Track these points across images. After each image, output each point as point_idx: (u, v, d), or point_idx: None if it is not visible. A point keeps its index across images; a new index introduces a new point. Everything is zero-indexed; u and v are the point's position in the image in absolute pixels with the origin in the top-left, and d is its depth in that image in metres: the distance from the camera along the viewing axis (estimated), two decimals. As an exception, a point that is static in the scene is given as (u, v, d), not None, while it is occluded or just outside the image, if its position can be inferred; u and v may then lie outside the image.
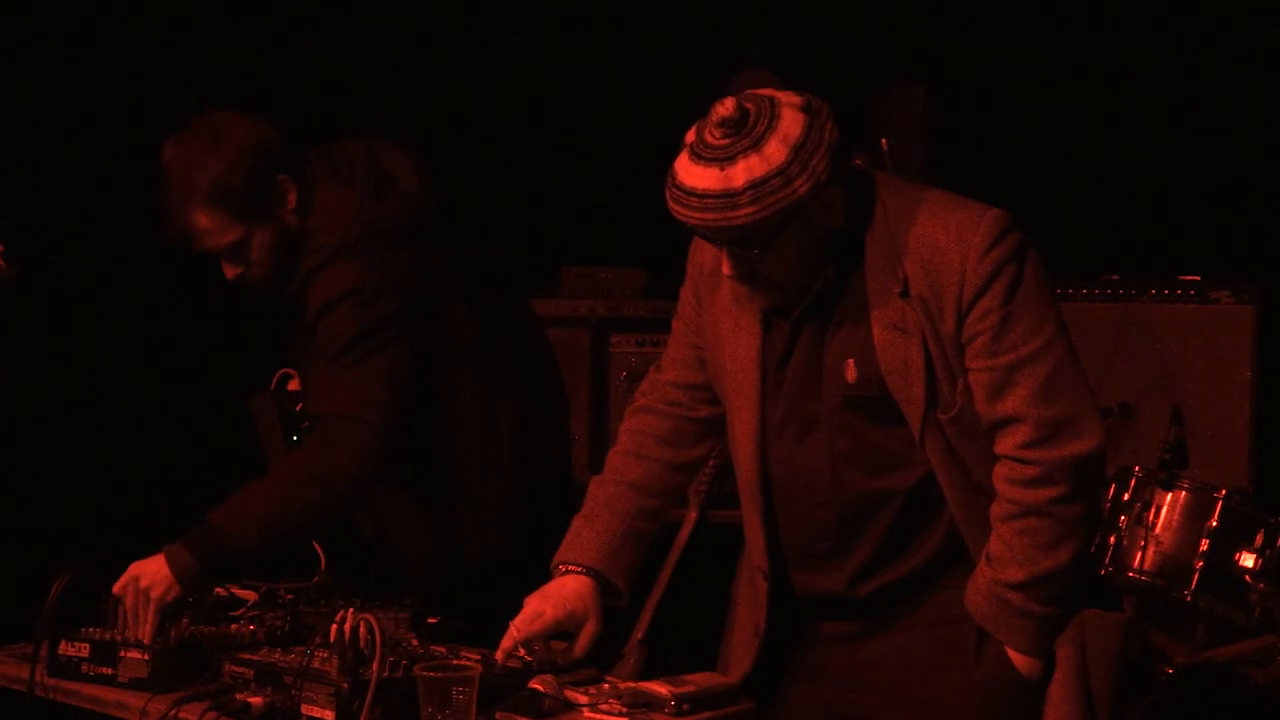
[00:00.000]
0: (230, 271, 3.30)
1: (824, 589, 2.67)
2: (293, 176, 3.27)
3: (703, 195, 2.43)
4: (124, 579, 2.91)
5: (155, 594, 2.89)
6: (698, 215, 2.45)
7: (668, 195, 2.48)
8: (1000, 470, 2.51)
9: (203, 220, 3.22)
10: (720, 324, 2.71)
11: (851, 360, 2.56)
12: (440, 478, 3.32)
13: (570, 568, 2.80)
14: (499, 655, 2.67)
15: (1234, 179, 4.83)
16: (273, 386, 3.44)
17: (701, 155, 2.44)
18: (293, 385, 3.45)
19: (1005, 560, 2.50)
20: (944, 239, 2.49)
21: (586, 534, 2.82)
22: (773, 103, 2.45)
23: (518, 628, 2.69)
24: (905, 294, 2.51)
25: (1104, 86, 5.08)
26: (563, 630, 2.73)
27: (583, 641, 2.74)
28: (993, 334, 2.47)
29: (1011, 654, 2.54)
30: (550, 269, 5.14)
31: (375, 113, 4.90)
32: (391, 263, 3.22)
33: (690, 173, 2.45)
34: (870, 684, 2.66)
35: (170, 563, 2.93)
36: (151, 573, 2.91)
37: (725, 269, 2.56)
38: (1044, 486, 2.47)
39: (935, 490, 2.56)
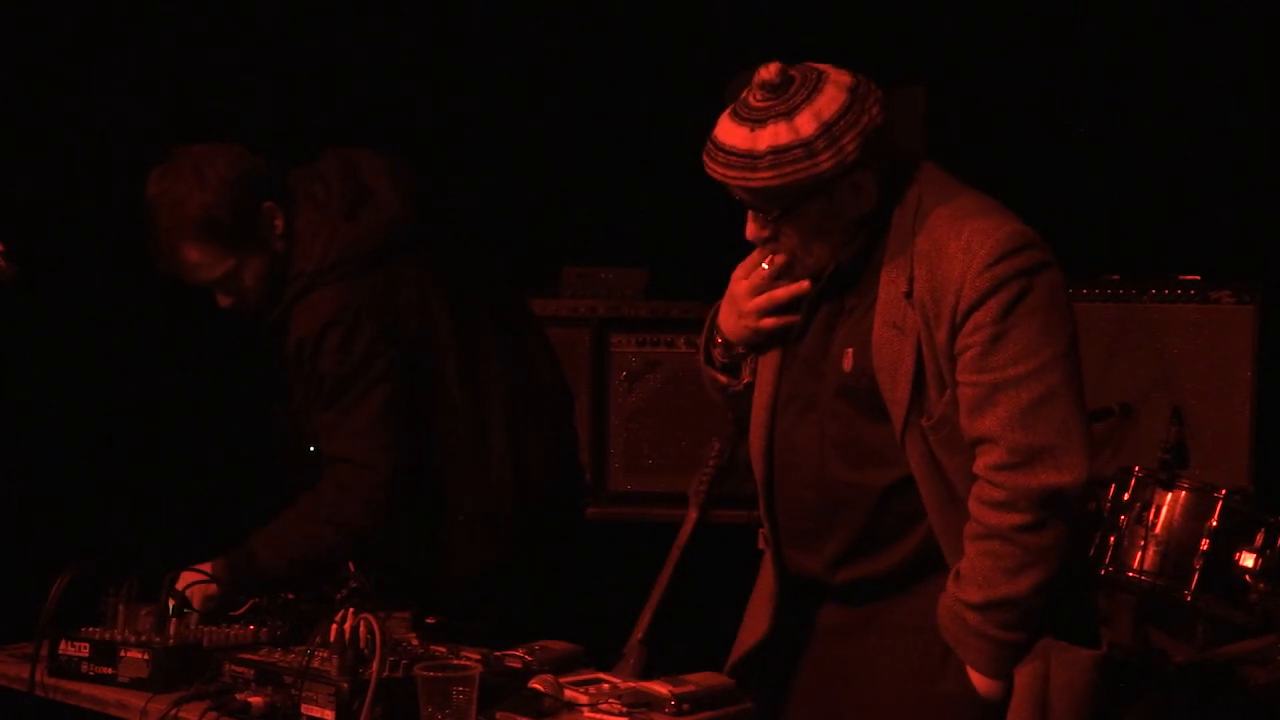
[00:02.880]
0: (224, 301, 3.32)
1: (807, 568, 2.68)
2: (278, 201, 3.28)
3: (729, 152, 2.48)
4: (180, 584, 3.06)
5: (195, 604, 3.06)
6: (721, 170, 2.49)
7: (704, 148, 2.52)
8: (974, 489, 2.48)
9: (193, 255, 3.23)
10: None
11: (851, 350, 2.57)
12: (433, 487, 3.32)
13: None
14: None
15: (1235, 179, 4.82)
16: (289, 392, 3.45)
17: (739, 114, 2.49)
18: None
19: (968, 579, 2.48)
20: (954, 246, 2.47)
21: None
22: (820, 76, 2.48)
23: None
24: (909, 294, 2.50)
25: (1104, 86, 5.08)
26: None
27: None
28: (981, 350, 2.44)
29: (970, 673, 2.51)
30: (550, 269, 5.14)
31: (375, 113, 4.91)
32: (367, 286, 3.24)
33: (725, 129, 2.50)
34: (854, 680, 2.67)
35: (214, 577, 3.10)
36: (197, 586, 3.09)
37: (748, 232, 2.58)
38: (1008, 512, 2.43)
39: (915, 495, 2.54)
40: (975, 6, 5.18)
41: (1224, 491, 3.95)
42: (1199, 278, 4.64)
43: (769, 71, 2.46)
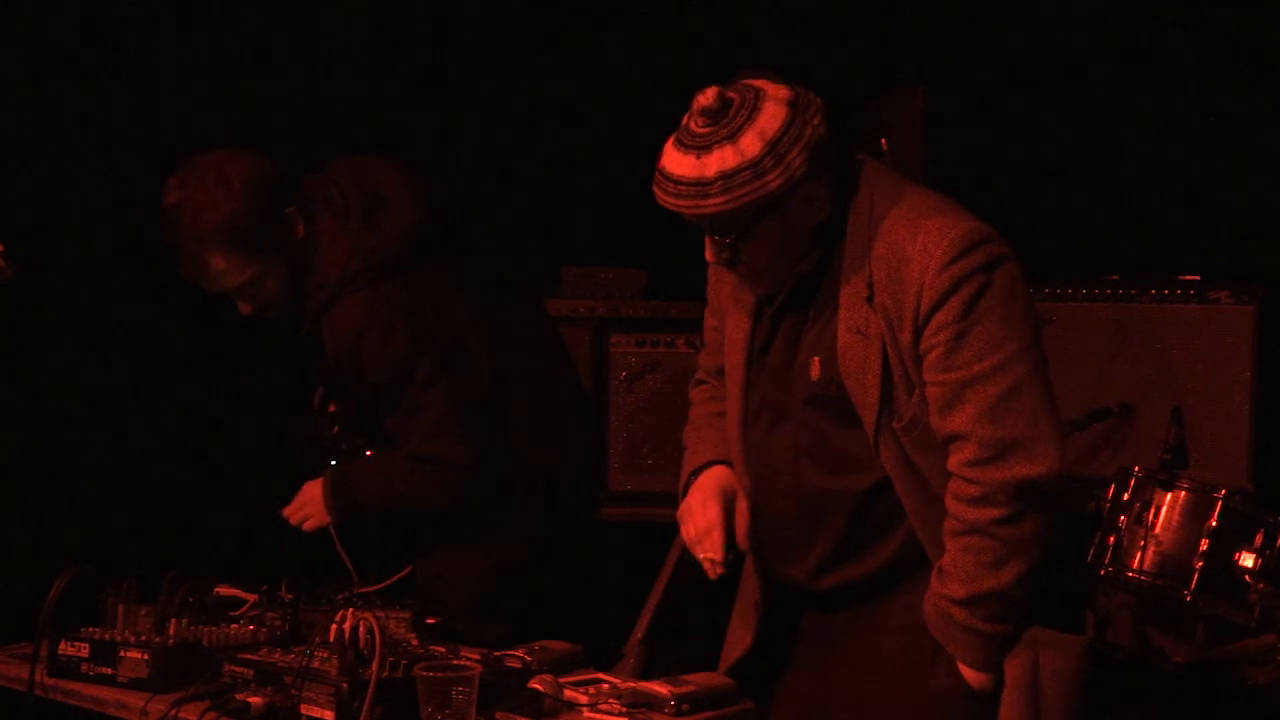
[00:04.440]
0: (245, 308, 3.32)
1: (790, 577, 2.70)
2: (299, 207, 3.28)
3: (678, 181, 2.47)
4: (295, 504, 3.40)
5: (309, 525, 3.38)
6: (673, 200, 2.49)
7: (653, 179, 2.51)
8: (949, 486, 2.49)
9: (218, 262, 3.22)
10: (728, 306, 2.75)
11: (817, 358, 2.58)
12: None
13: (704, 468, 2.80)
14: (718, 568, 2.68)
15: (1234, 179, 4.83)
16: (315, 407, 3.49)
17: (683, 142, 2.48)
18: (333, 407, 3.53)
19: (950, 575, 2.49)
20: (910, 248, 2.47)
21: (701, 444, 2.84)
22: (757, 94, 2.46)
23: (709, 526, 2.69)
24: (870, 299, 2.50)
25: (1105, 86, 5.08)
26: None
27: (741, 521, 2.72)
28: (946, 348, 2.45)
29: (961, 667, 2.53)
30: (550, 269, 5.14)
31: (374, 113, 4.91)
32: (392, 291, 3.24)
33: (671, 158, 2.49)
34: (840, 682, 2.68)
35: (322, 490, 3.37)
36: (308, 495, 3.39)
37: (708, 255, 2.58)
38: (985, 506, 2.45)
39: (893, 496, 2.56)
40: (975, 6, 5.18)
41: (1223, 492, 3.95)
42: (1198, 278, 4.64)
43: (706, 97, 2.45)
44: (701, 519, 2.70)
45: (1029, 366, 2.46)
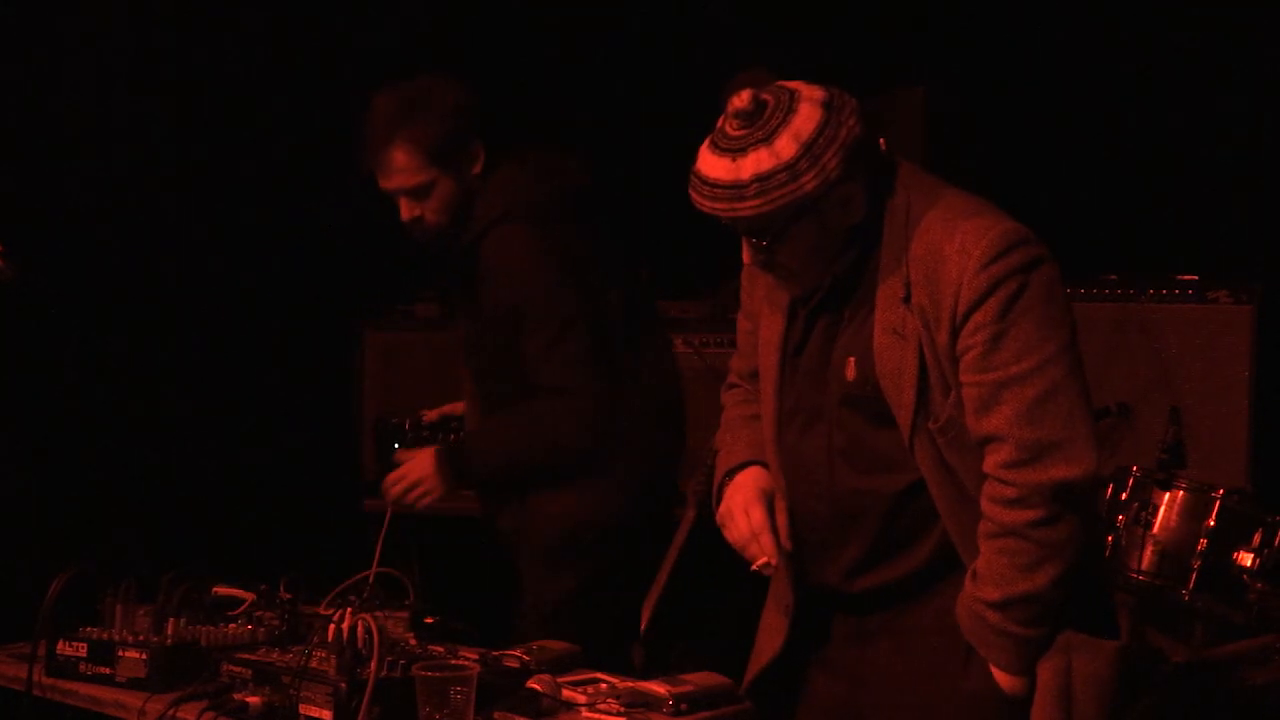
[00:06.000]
0: (407, 212, 3.50)
1: (824, 580, 2.68)
2: (485, 146, 3.51)
3: (714, 185, 2.46)
4: (395, 474, 3.50)
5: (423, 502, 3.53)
6: (709, 204, 2.47)
7: (689, 182, 2.51)
8: (985, 488, 2.48)
9: (400, 157, 3.45)
10: (761, 309, 2.75)
11: (853, 359, 2.57)
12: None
13: (739, 468, 2.81)
14: (769, 570, 2.67)
15: (1233, 179, 4.83)
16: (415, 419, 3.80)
17: (718, 145, 2.47)
18: (428, 417, 3.85)
19: (985, 578, 2.48)
20: (948, 248, 2.46)
21: (736, 444, 2.85)
22: (792, 96, 2.45)
23: (756, 530, 2.68)
24: (907, 300, 2.50)
25: (1104, 86, 5.09)
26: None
27: (782, 519, 2.71)
28: (983, 349, 2.43)
29: (994, 670, 2.52)
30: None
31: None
32: (551, 234, 3.44)
33: (706, 161, 2.48)
34: (871, 685, 2.67)
35: (435, 463, 3.48)
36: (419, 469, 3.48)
37: (745, 257, 2.58)
38: (1021, 509, 2.43)
39: (927, 498, 2.54)
40: (975, 6, 5.19)
41: (1221, 491, 3.95)
42: (1197, 278, 4.64)
43: (741, 100, 2.44)
44: (745, 524, 2.69)
45: (1066, 368, 2.45)
